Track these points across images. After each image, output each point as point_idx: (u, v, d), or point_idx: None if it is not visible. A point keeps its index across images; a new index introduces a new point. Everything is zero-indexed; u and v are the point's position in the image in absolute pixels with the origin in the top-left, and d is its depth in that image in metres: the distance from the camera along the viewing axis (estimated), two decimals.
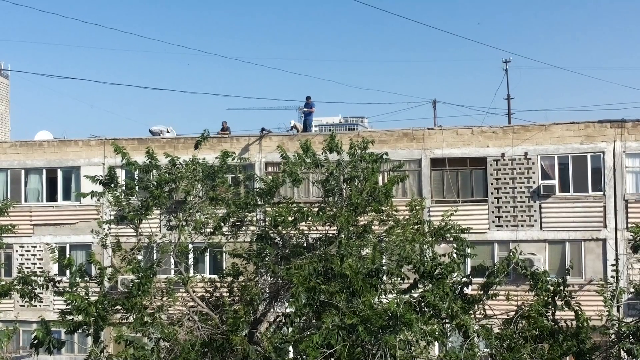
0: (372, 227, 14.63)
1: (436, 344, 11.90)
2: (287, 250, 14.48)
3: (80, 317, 12.93)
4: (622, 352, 12.30)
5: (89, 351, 12.69)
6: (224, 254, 16.96)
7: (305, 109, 29.02)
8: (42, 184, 27.88)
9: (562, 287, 12.50)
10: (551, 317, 12.46)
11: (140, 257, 15.97)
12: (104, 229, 16.11)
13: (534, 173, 24.62)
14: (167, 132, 28.67)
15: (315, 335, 10.46)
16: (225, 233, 15.65)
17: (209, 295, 15.82)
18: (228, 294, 15.71)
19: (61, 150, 27.71)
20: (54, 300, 24.41)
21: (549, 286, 12.45)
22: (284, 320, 13.00)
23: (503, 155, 24.86)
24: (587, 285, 23.01)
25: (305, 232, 14.83)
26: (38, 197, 27.97)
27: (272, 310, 15.14)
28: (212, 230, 15.33)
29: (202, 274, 19.68)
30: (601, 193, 24.16)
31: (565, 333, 12.11)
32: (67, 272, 14.18)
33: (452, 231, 14.71)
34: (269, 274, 15.00)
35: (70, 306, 13.01)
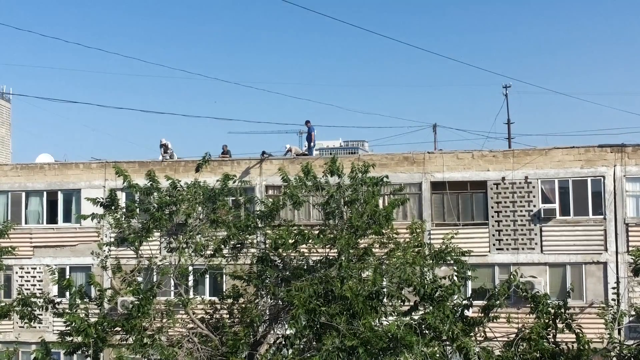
0: (373, 249, 14.65)
1: None
2: (287, 273, 14.47)
3: (79, 338, 12.93)
4: None
5: None
6: (224, 275, 16.93)
7: (307, 126, 28.74)
8: (42, 206, 27.86)
9: (563, 310, 12.48)
10: (552, 340, 12.42)
11: (140, 279, 15.96)
12: (104, 250, 16.13)
13: (534, 197, 24.63)
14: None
15: (315, 357, 10.44)
16: (226, 255, 15.67)
17: (209, 317, 15.80)
18: (228, 315, 15.69)
19: (62, 173, 27.73)
20: (53, 321, 24.30)
21: (549, 309, 12.45)
22: (284, 342, 12.96)
23: (503, 179, 24.89)
24: (588, 308, 22.92)
25: (306, 254, 14.84)
26: (38, 219, 27.95)
27: (272, 332, 15.10)
28: (212, 252, 15.35)
29: (202, 296, 19.63)
30: (602, 217, 24.16)
31: (567, 355, 12.07)
32: (67, 293, 14.18)
33: (453, 254, 14.71)
34: (269, 296, 14.98)
35: (69, 327, 13.00)
